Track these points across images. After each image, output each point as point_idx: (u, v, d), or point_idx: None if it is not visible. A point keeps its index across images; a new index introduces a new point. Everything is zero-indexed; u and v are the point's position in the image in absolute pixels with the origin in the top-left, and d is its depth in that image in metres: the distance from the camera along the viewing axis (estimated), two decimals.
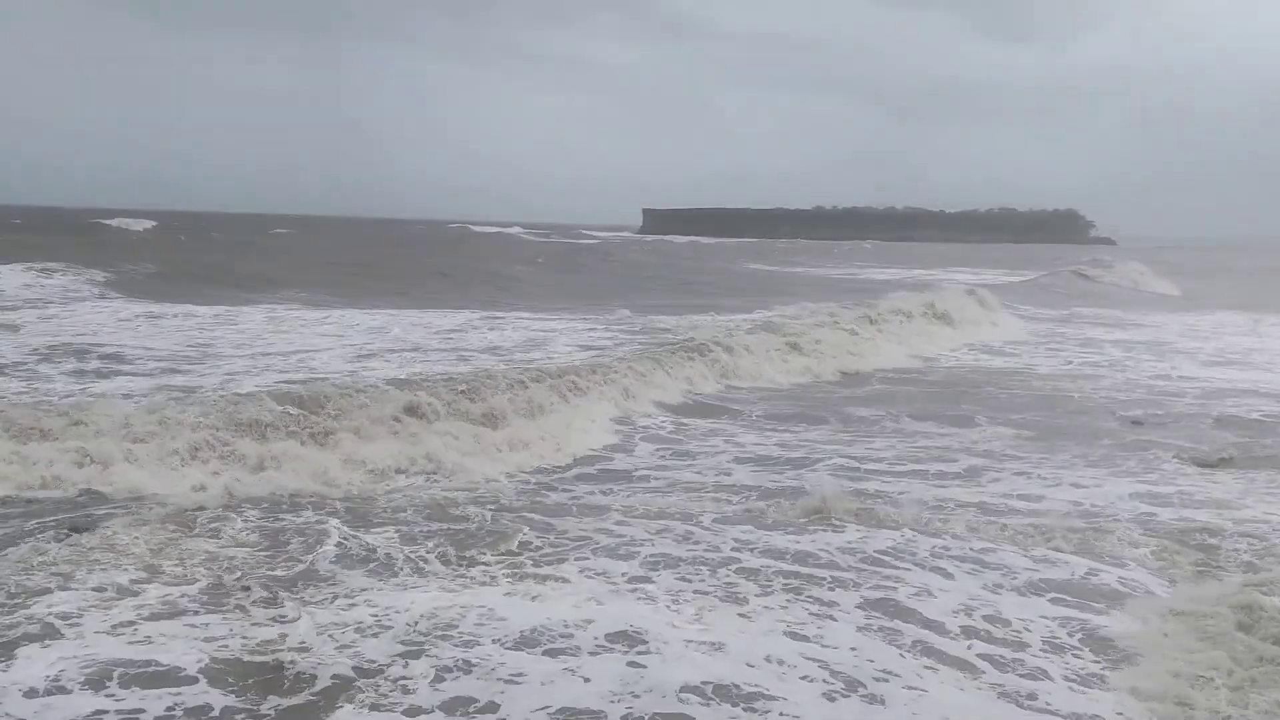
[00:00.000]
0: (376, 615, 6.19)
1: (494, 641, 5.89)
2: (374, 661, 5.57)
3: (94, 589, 6.45)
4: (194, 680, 5.27)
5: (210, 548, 7.42)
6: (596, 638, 5.96)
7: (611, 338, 20.40)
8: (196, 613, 6.15)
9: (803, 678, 5.53)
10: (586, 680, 5.43)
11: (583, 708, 5.16)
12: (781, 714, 5.15)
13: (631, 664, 5.67)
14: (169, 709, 5.00)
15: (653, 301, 31.97)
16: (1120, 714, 5.19)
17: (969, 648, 6.02)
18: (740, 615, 6.48)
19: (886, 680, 5.51)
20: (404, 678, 5.40)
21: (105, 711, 4.94)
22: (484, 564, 7.26)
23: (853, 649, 5.91)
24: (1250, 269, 64.52)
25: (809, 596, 6.82)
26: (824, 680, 5.49)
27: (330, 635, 5.86)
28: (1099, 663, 5.86)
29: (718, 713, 5.14)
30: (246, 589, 6.59)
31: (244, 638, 5.79)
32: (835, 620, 6.36)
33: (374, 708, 5.08)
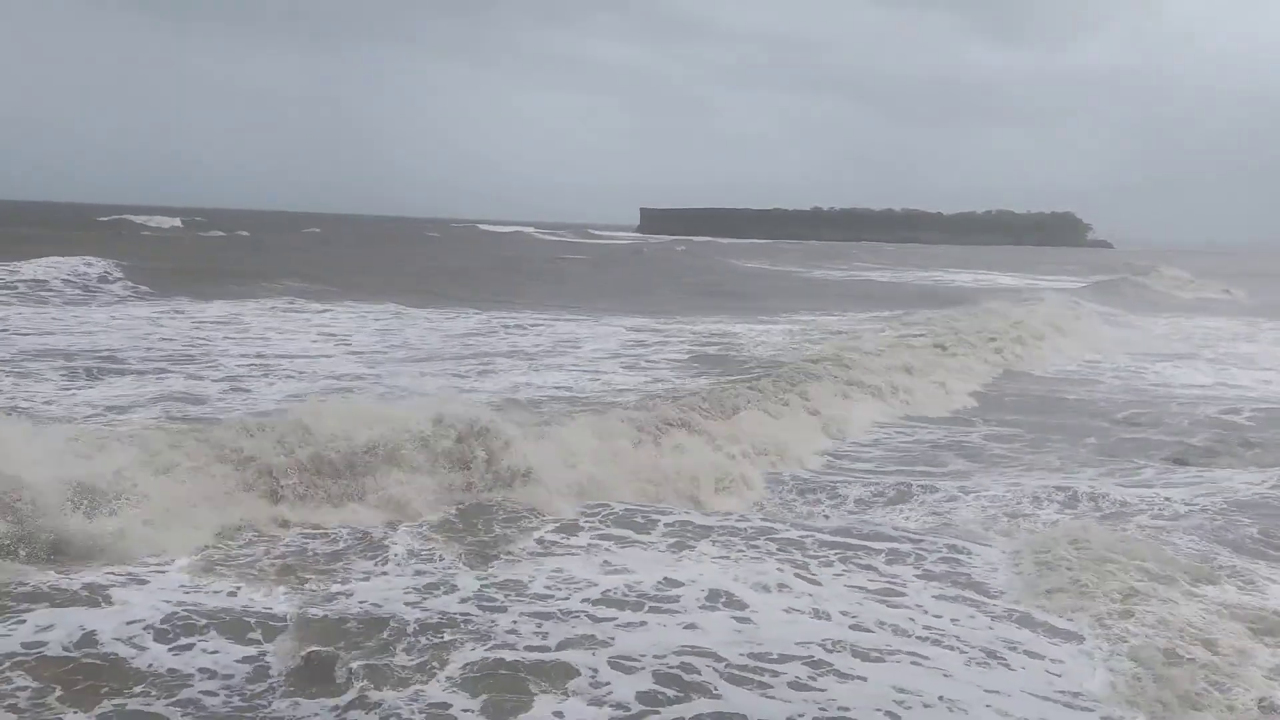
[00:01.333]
0: (431, 581, 6.20)
1: (582, 599, 6.00)
2: (461, 615, 5.64)
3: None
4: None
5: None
6: (696, 597, 6.08)
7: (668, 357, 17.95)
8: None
9: (925, 639, 5.61)
10: (703, 630, 5.57)
11: (706, 649, 5.31)
12: (917, 664, 5.26)
13: (741, 619, 5.79)
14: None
15: (702, 303, 30.61)
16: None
17: (1070, 621, 6.05)
18: (811, 581, 6.56)
19: (1014, 650, 5.54)
20: (505, 628, 5.50)
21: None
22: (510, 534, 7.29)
23: (954, 619, 5.96)
24: (1265, 272, 63.65)
25: (865, 565, 6.91)
26: (959, 649, 5.52)
27: (388, 595, 5.91)
28: None
29: (850, 662, 5.26)
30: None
31: (317, 600, 5.86)
32: (911, 590, 6.44)
33: (499, 646, 5.23)
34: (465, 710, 4.58)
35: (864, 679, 5.05)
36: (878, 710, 4.67)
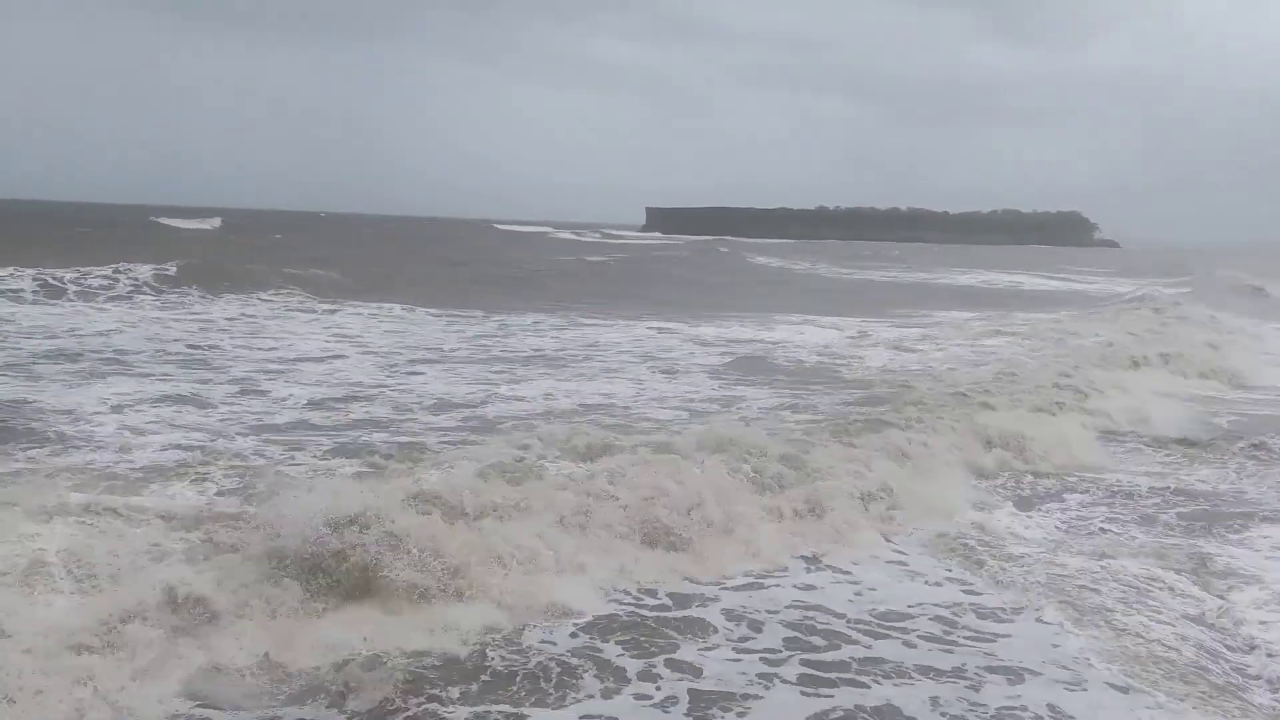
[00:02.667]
0: None
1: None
2: None
3: None
4: None
5: None
6: (793, 566, 5.95)
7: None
8: None
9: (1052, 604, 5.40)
10: (819, 590, 5.51)
11: (824, 607, 5.25)
12: (1042, 624, 5.10)
13: (853, 584, 5.67)
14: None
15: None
16: None
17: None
18: (897, 550, 6.40)
19: (1112, 611, 5.33)
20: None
21: None
22: None
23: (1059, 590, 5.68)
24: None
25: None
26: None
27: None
28: None
29: (980, 622, 5.09)
30: None
31: None
32: (992, 560, 6.18)
33: (615, 602, 5.19)
34: (617, 652, 4.52)
35: (1008, 636, 4.88)
36: (1045, 662, 4.46)
